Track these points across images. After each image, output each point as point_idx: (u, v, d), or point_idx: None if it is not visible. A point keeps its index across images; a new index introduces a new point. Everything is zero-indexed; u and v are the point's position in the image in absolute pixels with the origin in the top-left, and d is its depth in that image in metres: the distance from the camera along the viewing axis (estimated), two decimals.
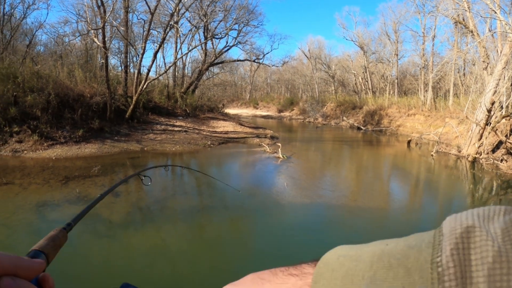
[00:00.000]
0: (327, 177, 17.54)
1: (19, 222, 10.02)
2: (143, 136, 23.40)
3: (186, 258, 8.72)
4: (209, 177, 13.36)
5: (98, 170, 15.57)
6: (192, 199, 13.25)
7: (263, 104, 73.41)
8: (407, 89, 48.41)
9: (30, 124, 18.88)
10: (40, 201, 11.69)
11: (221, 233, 10.42)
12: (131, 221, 10.77)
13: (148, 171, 3.23)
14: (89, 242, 9.21)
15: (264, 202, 12.79)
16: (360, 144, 28.92)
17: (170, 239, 9.86)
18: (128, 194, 13.30)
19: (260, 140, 26.73)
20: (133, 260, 8.45)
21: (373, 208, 12.32)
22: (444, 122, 27.08)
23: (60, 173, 14.96)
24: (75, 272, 7.74)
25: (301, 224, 10.89)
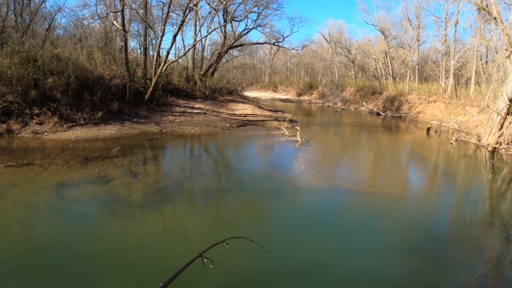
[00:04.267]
0: (345, 162, 17.46)
1: (39, 201, 10.14)
2: (162, 118, 23.50)
3: (202, 239, 8.71)
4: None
5: (117, 151, 15.71)
6: (209, 180, 13.24)
7: (282, 87, 72.98)
8: (428, 75, 47.54)
9: (50, 106, 19.10)
10: (60, 181, 11.83)
11: (237, 215, 10.45)
12: (149, 201, 10.82)
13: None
14: (108, 221, 9.30)
15: (281, 186, 12.75)
16: (379, 130, 28.63)
17: (187, 220, 9.92)
18: (147, 175, 13.35)
19: (279, 123, 26.66)
20: (150, 240, 8.53)
21: (390, 194, 12.24)
22: (464, 110, 26.52)
23: (80, 154, 15.14)
24: (93, 251, 7.81)
25: (317, 208, 10.87)
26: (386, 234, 9.02)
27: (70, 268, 7.09)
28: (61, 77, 20.03)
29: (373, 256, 7.87)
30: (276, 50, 73.27)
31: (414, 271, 7.26)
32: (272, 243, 8.49)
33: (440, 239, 8.73)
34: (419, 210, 10.96)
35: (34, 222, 9.11)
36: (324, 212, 10.59)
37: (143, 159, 15.46)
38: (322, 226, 9.52)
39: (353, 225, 9.60)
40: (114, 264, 7.36)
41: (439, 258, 7.73)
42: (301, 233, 9.02)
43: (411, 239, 8.64)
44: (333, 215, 10.38)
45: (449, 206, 11.56)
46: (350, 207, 11.00)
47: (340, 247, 8.25)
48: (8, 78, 18.56)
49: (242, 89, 41.32)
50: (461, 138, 22.47)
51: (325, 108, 48.23)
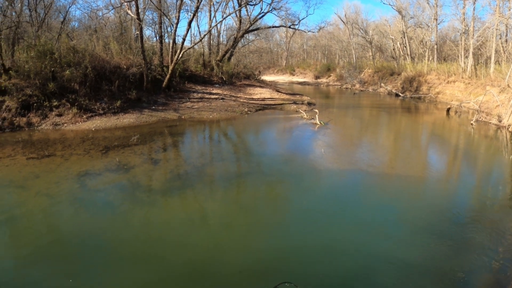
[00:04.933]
0: (365, 144, 17.26)
1: (62, 191, 10.21)
2: (180, 104, 23.51)
3: (223, 224, 8.77)
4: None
5: (137, 139, 15.76)
6: (229, 165, 13.23)
7: (300, 70, 72.46)
8: (447, 55, 46.55)
9: (69, 98, 19.22)
10: (81, 171, 11.89)
11: (258, 199, 10.45)
12: (170, 188, 10.84)
13: None
14: (129, 209, 9.33)
15: (301, 169, 12.67)
16: (398, 111, 28.21)
17: (208, 205, 9.92)
18: (167, 162, 13.37)
19: (297, 107, 26.48)
20: (172, 226, 8.57)
21: (410, 176, 12.06)
22: (484, 90, 25.82)
23: (100, 143, 15.22)
24: (116, 239, 7.84)
25: (337, 191, 10.79)
26: (406, 216, 8.92)
27: (93, 256, 7.14)
28: (78, 69, 20.13)
29: (393, 238, 7.82)
30: (292, 33, 72.83)
31: (434, 254, 7.15)
32: (293, 227, 8.54)
33: (460, 222, 8.57)
34: (440, 192, 10.80)
35: (57, 212, 9.17)
36: (344, 195, 10.50)
37: (162, 146, 15.49)
38: (342, 209, 9.45)
39: (373, 207, 9.51)
40: (136, 252, 7.37)
41: (459, 241, 7.62)
42: (321, 216, 8.99)
43: (431, 222, 8.50)
44: (353, 198, 10.28)
45: (470, 189, 11.35)
46: (370, 190, 10.89)
47: (360, 230, 8.19)
48: (26, 72, 18.71)
49: (259, 73, 41.12)
50: (481, 119, 21.96)
51: (343, 90, 47.80)
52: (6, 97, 17.65)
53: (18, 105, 17.66)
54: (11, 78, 18.57)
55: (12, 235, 8.12)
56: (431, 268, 6.71)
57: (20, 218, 8.81)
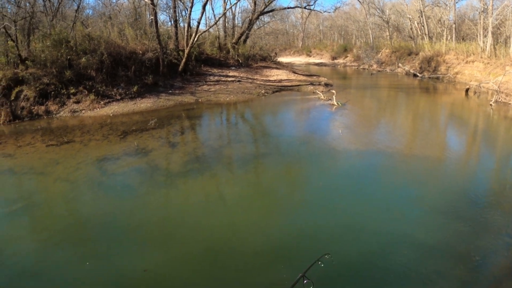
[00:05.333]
0: (383, 125, 17.03)
1: (82, 176, 10.28)
2: (196, 88, 23.48)
3: (241, 205, 8.77)
4: None
5: (154, 123, 15.77)
6: (247, 147, 13.21)
7: (316, 51, 71.73)
8: (466, 34, 45.43)
9: (86, 85, 19.28)
10: (100, 156, 11.96)
11: (276, 180, 10.41)
12: (188, 170, 10.83)
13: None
14: (148, 192, 9.36)
15: (319, 150, 12.58)
16: (416, 92, 27.71)
17: (226, 186, 9.93)
18: (185, 145, 13.39)
19: (314, 88, 26.26)
20: (190, 208, 8.59)
21: (428, 157, 11.84)
22: (504, 71, 24.92)
23: (118, 128, 15.28)
24: (135, 221, 7.87)
25: (355, 171, 10.64)
26: (424, 197, 8.78)
27: (113, 238, 7.19)
28: (94, 56, 20.17)
29: (411, 219, 7.75)
30: (308, 14, 71.97)
31: (451, 235, 7.03)
32: (311, 207, 8.48)
33: (479, 204, 8.36)
34: (458, 174, 10.59)
35: (77, 197, 9.23)
36: (362, 175, 10.37)
37: (180, 129, 15.52)
38: (360, 189, 9.35)
39: (391, 188, 9.42)
40: (155, 233, 7.42)
41: (477, 223, 7.45)
42: (339, 196, 8.94)
43: (450, 203, 8.34)
44: (371, 178, 10.16)
45: (489, 171, 11.07)
46: (388, 170, 10.75)
47: (378, 210, 8.11)
48: (42, 61, 18.81)
49: (275, 55, 40.82)
50: (500, 100, 21.33)
51: (361, 70, 47.24)
52: (24, 87, 17.76)
53: (36, 94, 17.77)
54: (28, 68, 18.67)
55: (33, 220, 8.21)
56: (448, 249, 6.62)
57: (41, 204, 8.90)
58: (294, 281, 1.69)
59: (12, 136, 14.44)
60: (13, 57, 18.85)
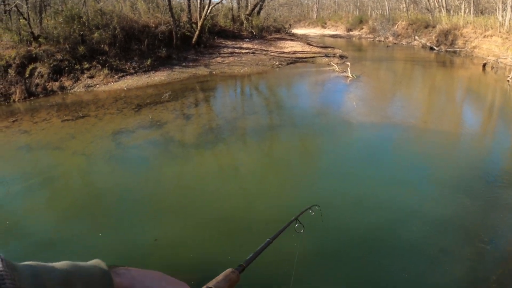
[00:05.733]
0: (398, 97, 16.72)
1: (97, 150, 10.32)
2: (210, 60, 23.32)
3: (255, 175, 8.77)
4: None
5: (168, 96, 15.72)
6: (261, 118, 13.10)
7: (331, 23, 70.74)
8: (484, 8, 44.18)
9: (100, 60, 19.26)
10: (115, 129, 11.98)
11: (289, 151, 10.36)
12: (203, 142, 10.82)
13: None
14: (164, 163, 9.39)
15: (333, 122, 12.45)
16: (433, 65, 27.05)
17: (241, 157, 9.93)
18: (199, 117, 13.36)
19: (329, 60, 25.87)
20: (204, 178, 8.57)
21: (443, 131, 11.58)
22: None
23: (132, 101, 15.26)
24: (151, 193, 7.90)
25: (369, 144, 10.49)
26: (438, 173, 8.58)
27: (127, 209, 7.24)
28: (107, 30, 20.08)
29: (423, 194, 7.61)
30: None
31: (463, 212, 6.89)
32: (324, 179, 8.44)
33: (493, 183, 8.12)
34: (473, 149, 10.36)
35: (93, 169, 9.29)
36: (375, 148, 10.21)
37: (194, 102, 15.46)
38: (373, 162, 9.21)
39: (405, 162, 9.25)
40: (171, 204, 7.45)
41: (491, 202, 7.26)
42: (352, 169, 8.81)
43: (464, 180, 8.13)
44: (385, 151, 10.04)
45: (505, 148, 10.74)
46: (402, 143, 10.60)
47: (391, 185, 8.00)
48: (55, 37, 18.78)
49: (289, 27, 40.30)
50: None
51: (376, 43, 46.44)
52: (38, 64, 17.79)
53: (50, 70, 17.80)
54: (41, 45, 18.67)
55: (50, 193, 8.27)
56: (459, 226, 6.49)
57: (58, 177, 8.95)
58: (286, 223, 1.69)
59: (28, 112, 14.52)
60: (26, 35, 18.85)
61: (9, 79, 17.06)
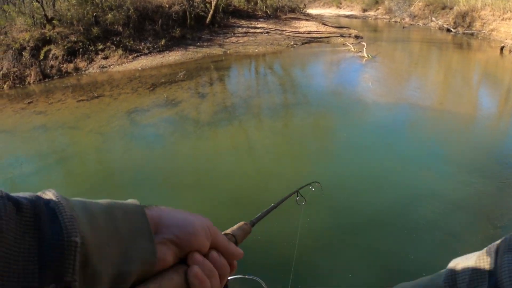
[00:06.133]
0: (413, 78, 16.37)
1: (113, 128, 10.32)
2: (225, 40, 23.13)
3: (268, 154, 8.75)
4: None
5: (183, 75, 15.59)
6: (276, 97, 13.06)
7: (346, 3, 69.85)
8: None
9: (113, 40, 19.20)
10: (130, 108, 11.97)
11: (304, 129, 10.27)
12: (217, 119, 10.81)
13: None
14: (179, 141, 9.41)
15: (348, 101, 12.27)
16: (449, 47, 26.49)
17: (255, 135, 9.95)
18: (214, 95, 13.30)
19: (344, 40, 25.53)
20: (219, 156, 8.58)
21: (459, 113, 11.29)
22: None
23: (147, 81, 15.19)
24: (166, 169, 7.89)
25: (384, 123, 10.31)
26: (453, 154, 8.44)
27: (143, 186, 7.26)
28: (120, 11, 20.00)
29: (437, 174, 7.47)
30: None
31: (477, 193, 6.75)
32: (338, 158, 8.43)
33: (509, 163, 7.94)
34: (489, 132, 10.11)
35: (109, 148, 9.32)
36: (390, 128, 10.05)
37: (209, 80, 15.38)
38: (387, 142, 9.07)
39: (419, 142, 9.13)
40: (186, 180, 7.45)
41: (507, 183, 7.09)
42: (366, 148, 8.73)
43: (478, 161, 7.96)
44: (399, 132, 9.89)
45: None
46: (417, 124, 10.41)
47: (405, 164, 7.91)
48: (68, 20, 18.78)
49: (304, 7, 39.88)
50: None
51: (392, 23, 45.70)
52: (52, 46, 17.78)
53: (64, 52, 17.77)
54: (55, 27, 18.65)
55: (67, 171, 8.32)
56: (471, 208, 6.36)
57: (74, 156, 9.00)
58: (289, 193, 1.62)
59: (43, 94, 14.55)
60: (39, 18, 18.82)
61: (23, 62, 17.06)
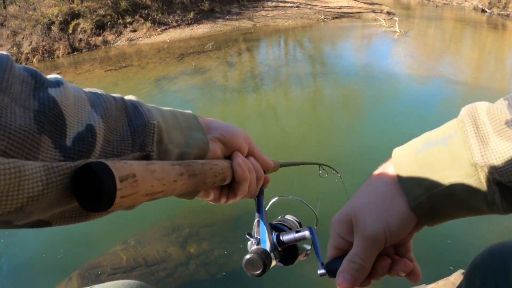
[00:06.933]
0: (447, 54, 15.80)
1: (140, 95, 10.05)
2: (254, 13, 22.87)
3: (297, 124, 8.55)
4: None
5: (212, 46, 15.43)
6: (305, 67, 12.81)
7: None
8: None
9: (142, 13, 19.11)
10: (158, 76, 11.97)
11: (333, 99, 10.13)
12: (245, 86, 10.71)
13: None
14: (206, 106, 9.33)
15: (379, 73, 11.85)
16: (484, 27, 25.51)
17: (282, 102, 9.83)
18: (242, 64, 13.17)
19: (376, 15, 24.98)
20: (246, 122, 8.50)
21: (493, 88, 10.77)
22: None
23: (175, 52, 15.11)
24: None
25: (415, 97, 9.91)
26: None
27: None
28: None
29: None
30: None
31: None
32: (364, 127, 8.24)
33: None
34: None
35: None
36: (422, 100, 9.68)
37: (238, 51, 15.21)
38: (420, 115, 8.68)
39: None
40: None
41: None
42: (396, 121, 8.40)
43: None
44: (431, 105, 9.48)
45: None
46: (450, 98, 9.96)
47: None
48: None
49: None
50: None
51: (425, 2, 44.51)
52: (81, 20, 17.82)
53: (92, 26, 17.80)
54: (83, 1, 18.70)
55: None
56: None
57: None
58: (311, 162, 1.44)
59: (71, 66, 14.63)
60: None
61: (52, 36, 17.13)
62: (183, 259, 4.75)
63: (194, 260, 4.74)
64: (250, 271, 0.87)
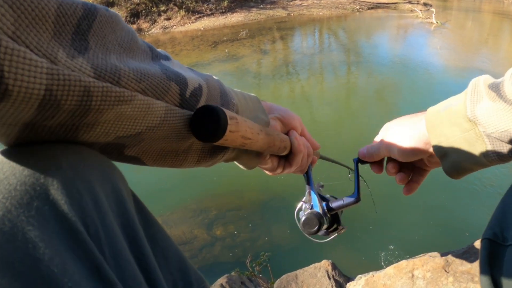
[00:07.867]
0: (484, 47, 15.42)
1: None
2: (288, 2, 22.76)
3: (329, 112, 8.55)
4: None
5: (245, 34, 15.47)
6: (339, 56, 12.75)
7: None
8: None
9: (176, 2, 19.25)
10: (191, 62, 12.13)
11: (366, 87, 10.05)
12: (279, 73, 10.77)
13: None
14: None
15: (414, 63, 11.73)
16: None
17: (315, 88, 9.85)
18: (276, 52, 13.15)
19: (412, 6, 24.60)
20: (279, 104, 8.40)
21: None
22: None
23: (209, 39, 15.20)
24: None
25: (453, 89, 9.51)
26: None
27: None
28: None
29: None
30: None
31: None
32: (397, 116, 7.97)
33: None
34: None
35: None
36: (458, 93, 9.33)
37: (271, 39, 15.21)
38: None
39: None
40: None
41: None
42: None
43: None
44: None
45: None
46: None
47: None
48: None
49: None
50: None
51: None
52: (115, 8, 18.00)
53: (127, 14, 18.05)
54: None
55: None
56: None
57: None
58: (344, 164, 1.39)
59: None
60: None
61: None
62: (208, 241, 4.74)
63: (219, 243, 4.74)
64: (308, 229, 0.99)
